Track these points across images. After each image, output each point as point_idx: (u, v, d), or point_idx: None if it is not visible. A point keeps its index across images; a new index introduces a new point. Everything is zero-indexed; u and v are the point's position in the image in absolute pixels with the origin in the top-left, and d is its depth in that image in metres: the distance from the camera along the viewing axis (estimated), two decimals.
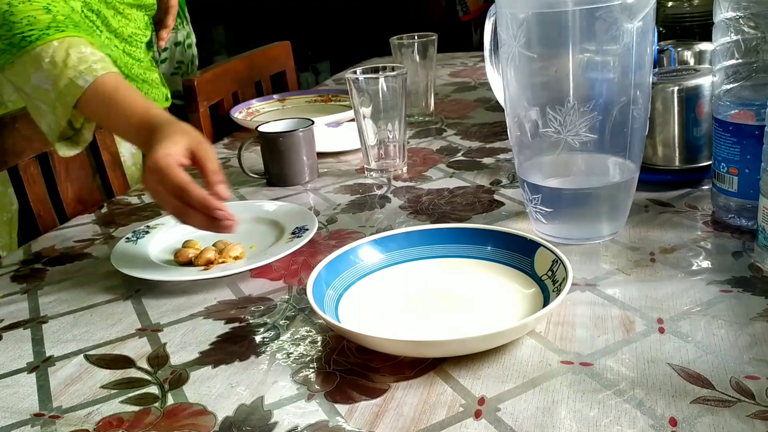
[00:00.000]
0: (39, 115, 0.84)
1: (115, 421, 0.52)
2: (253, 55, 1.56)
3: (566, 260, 0.60)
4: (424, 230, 0.70)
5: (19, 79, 0.83)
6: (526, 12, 0.66)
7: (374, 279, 0.66)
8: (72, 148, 0.87)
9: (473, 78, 1.58)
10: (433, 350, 0.55)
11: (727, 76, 0.69)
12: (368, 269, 0.67)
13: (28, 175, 1.00)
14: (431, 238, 0.69)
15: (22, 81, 0.82)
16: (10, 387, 0.58)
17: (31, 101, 0.83)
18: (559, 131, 0.68)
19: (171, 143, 0.70)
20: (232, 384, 0.55)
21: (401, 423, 0.49)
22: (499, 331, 0.53)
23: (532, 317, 0.54)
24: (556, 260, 0.61)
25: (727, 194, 0.71)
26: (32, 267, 0.81)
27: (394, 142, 0.97)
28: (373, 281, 0.66)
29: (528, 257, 0.64)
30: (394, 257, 0.68)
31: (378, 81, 0.94)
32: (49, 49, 0.80)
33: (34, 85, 0.81)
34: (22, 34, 0.80)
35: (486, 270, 0.66)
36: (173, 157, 0.69)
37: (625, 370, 0.52)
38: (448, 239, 0.69)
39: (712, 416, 0.46)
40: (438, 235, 0.69)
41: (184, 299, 0.69)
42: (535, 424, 0.47)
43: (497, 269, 0.66)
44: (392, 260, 0.68)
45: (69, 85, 0.79)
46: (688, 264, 0.66)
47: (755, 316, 0.57)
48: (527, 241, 0.65)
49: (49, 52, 0.80)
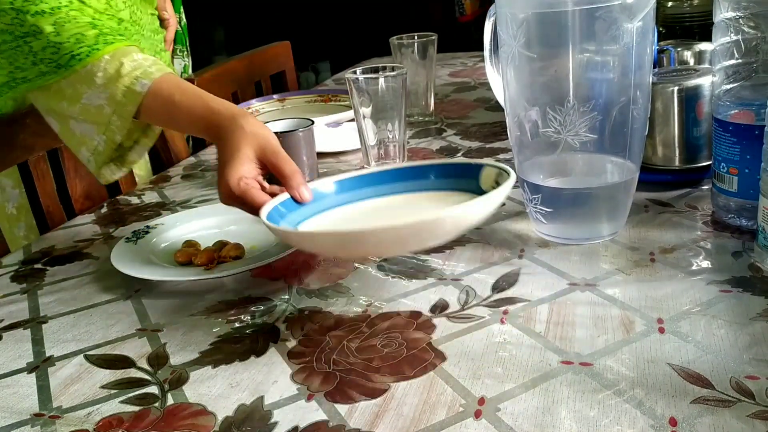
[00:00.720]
0: (80, 142, 0.81)
1: (115, 421, 0.52)
2: (252, 55, 1.56)
3: (510, 169, 0.61)
4: (374, 173, 0.72)
5: (59, 102, 0.80)
6: (526, 12, 0.66)
7: (327, 216, 0.68)
8: (116, 172, 0.84)
9: (473, 78, 1.58)
10: (362, 245, 0.56)
11: (727, 76, 0.69)
12: (320, 208, 0.69)
13: (38, 171, 1.00)
14: (382, 178, 0.71)
15: (69, 102, 0.79)
16: (10, 387, 0.58)
17: (69, 126, 0.80)
18: (559, 131, 0.68)
19: (239, 163, 0.68)
20: (232, 384, 0.55)
21: (401, 423, 0.49)
22: (430, 219, 0.54)
23: (464, 204, 0.55)
24: (500, 172, 0.63)
25: (727, 194, 0.71)
26: (32, 267, 0.81)
27: (394, 142, 0.97)
28: (325, 218, 0.68)
29: (474, 179, 0.66)
30: (346, 197, 0.70)
31: (378, 81, 0.94)
32: (101, 63, 0.77)
33: (84, 105, 0.78)
34: (70, 54, 0.78)
35: (436, 197, 0.68)
36: (246, 181, 0.67)
37: (625, 370, 0.52)
38: (397, 179, 0.71)
39: (712, 416, 0.46)
40: (387, 176, 0.71)
41: (184, 299, 0.69)
42: (535, 424, 0.47)
43: (446, 195, 0.68)
44: (345, 200, 0.70)
45: (127, 93, 0.77)
46: (687, 264, 0.66)
47: (755, 316, 0.57)
48: (471, 165, 0.67)
49: (101, 66, 0.77)
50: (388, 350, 0.57)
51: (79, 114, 0.79)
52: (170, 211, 0.94)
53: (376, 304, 0.65)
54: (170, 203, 0.97)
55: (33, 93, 0.82)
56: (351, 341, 0.59)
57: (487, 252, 0.73)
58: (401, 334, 0.59)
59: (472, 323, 0.60)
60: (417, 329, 0.60)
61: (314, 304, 0.66)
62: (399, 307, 0.64)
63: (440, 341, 0.58)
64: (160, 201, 0.99)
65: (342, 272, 0.71)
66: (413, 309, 0.63)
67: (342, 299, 0.66)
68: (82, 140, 0.81)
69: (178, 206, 0.95)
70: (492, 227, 0.78)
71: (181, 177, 1.09)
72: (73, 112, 0.79)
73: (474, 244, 0.74)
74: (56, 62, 0.78)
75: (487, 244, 0.74)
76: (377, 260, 0.73)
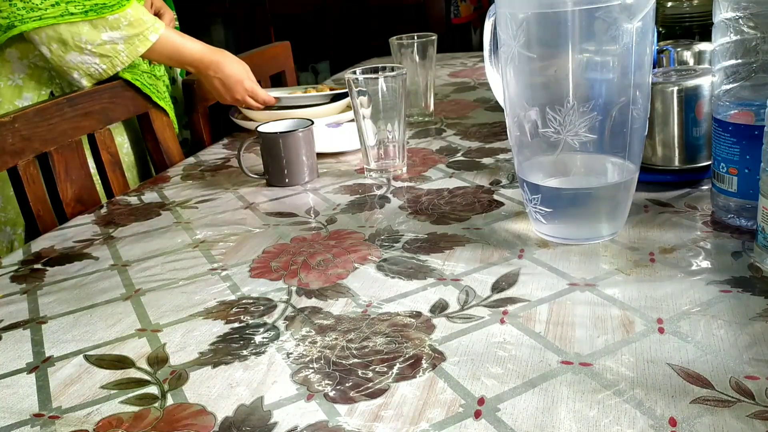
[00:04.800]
0: (75, 68, 1.08)
1: (115, 422, 0.52)
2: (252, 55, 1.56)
3: None
4: None
5: (77, 36, 1.05)
6: (526, 12, 0.66)
7: None
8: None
9: (473, 78, 1.58)
10: None
11: (726, 76, 0.69)
12: None
13: (28, 175, 0.99)
14: None
15: (89, 36, 1.06)
16: (9, 387, 0.58)
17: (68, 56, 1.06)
18: (559, 131, 0.68)
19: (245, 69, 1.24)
20: (231, 384, 0.55)
21: (401, 423, 0.49)
22: None
23: None
24: None
25: (727, 194, 0.71)
26: (32, 267, 0.81)
27: (393, 142, 0.97)
28: None
29: None
30: None
31: (378, 81, 0.94)
32: (127, 15, 1.07)
33: (103, 41, 1.07)
34: (103, 4, 1.05)
35: None
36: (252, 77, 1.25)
37: (624, 370, 0.52)
38: None
39: (712, 416, 0.46)
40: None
41: (184, 299, 0.69)
42: (535, 424, 0.47)
43: None
44: None
45: (141, 38, 1.10)
46: (687, 264, 0.66)
47: (755, 316, 0.57)
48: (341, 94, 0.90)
49: (127, 16, 1.07)
50: (388, 350, 0.57)
51: (94, 48, 1.07)
52: (170, 211, 0.94)
53: (376, 304, 0.65)
54: (170, 203, 0.97)
55: (40, 28, 1.04)
56: (351, 341, 0.59)
57: (486, 252, 0.73)
58: (401, 334, 0.59)
59: (472, 323, 0.60)
60: (417, 329, 0.60)
61: (314, 304, 0.66)
62: (399, 307, 0.64)
63: (440, 341, 0.58)
64: (159, 201, 0.99)
65: (342, 272, 0.71)
66: (413, 309, 0.63)
67: (342, 299, 0.66)
68: (78, 67, 1.08)
69: (178, 206, 0.95)
70: (492, 227, 0.78)
71: (181, 177, 1.09)
72: (88, 46, 1.06)
73: (474, 244, 0.74)
74: (88, 8, 1.04)
75: (486, 244, 0.74)
76: (377, 260, 0.73)
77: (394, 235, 0.79)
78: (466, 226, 0.79)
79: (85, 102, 1.10)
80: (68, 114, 1.07)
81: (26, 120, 0.99)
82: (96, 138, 1.12)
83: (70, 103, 1.07)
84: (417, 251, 0.74)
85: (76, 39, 1.05)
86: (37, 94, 1.12)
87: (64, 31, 1.04)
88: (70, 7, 1.03)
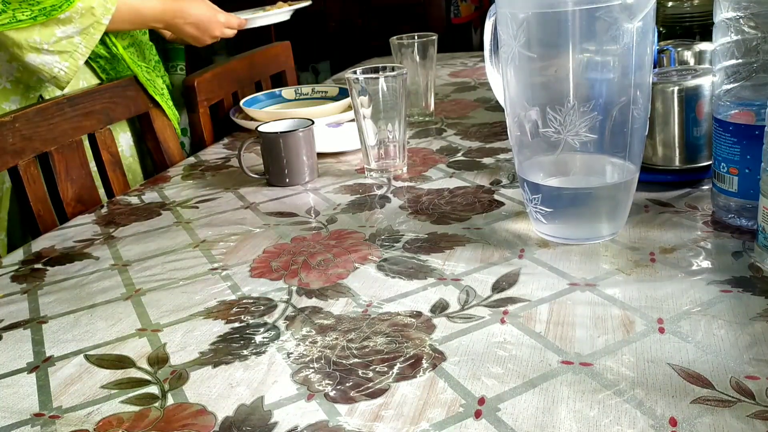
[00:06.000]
0: (42, 68, 1.05)
1: (115, 421, 0.52)
2: (253, 55, 1.56)
3: None
4: None
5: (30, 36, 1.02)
6: (526, 12, 0.66)
7: None
8: None
9: (473, 78, 1.58)
10: None
11: (727, 76, 0.69)
12: None
13: (28, 175, 0.99)
14: None
15: (42, 36, 1.02)
16: (10, 387, 0.58)
17: (26, 58, 1.03)
18: (559, 131, 0.68)
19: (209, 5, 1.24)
20: (232, 384, 0.55)
21: (401, 423, 0.49)
22: None
23: None
24: None
25: (727, 194, 0.71)
26: (32, 267, 0.81)
27: (394, 142, 0.97)
28: None
29: None
30: None
31: (378, 81, 0.94)
32: (78, 9, 1.03)
33: (58, 37, 1.03)
34: (51, 6, 1.01)
35: None
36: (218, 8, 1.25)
37: (625, 370, 0.52)
38: None
39: (712, 416, 0.46)
40: None
41: (185, 299, 0.69)
42: (535, 424, 0.47)
43: None
44: None
45: (96, 25, 1.06)
46: (688, 264, 0.66)
47: (755, 316, 0.57)
48: None
49: (78, 9, 1.03)
50: (388, 350, 0.57)
51: (50, 46, 1.03)
52: (170, 211, 0.94)
53: (376, 304, 0.65)
54: (171, 203, 0.97)
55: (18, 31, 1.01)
56: (351, 341, 0.59)
57: (487, 252, 0.73)
58: (402, 333, 0.59)
59: (472, 323, 0.60)
60: (417, 329, 0.60)
61: (314, 304, 0.66)
62: (399, 307, 0.64)
63: (440, 341, 0.58)
64: (160, 201, 0.99)
65: (342, 272, 0.71)
66: (413, 309, 0.63)
67: (342, 299, 0.66)
68: (41, 69, 1.05)
69: (178, 206, 0.95)
70: (492, 227, 0.78)
71: (181, 177, 1.09)
72: (44, 45, 1.03)
73: (474, 244, 0.74)
74: (36, 13, 1.00)
75: (487, 244, 0.74)
76: (377, 260, 0.73)
77: (394, 235, 0.79)
78: (466, 225, 0.79)
79: (86, 102, 1.10)
80: (69, 114, 1.07)
81: (27, 119, 0.99)
82: (96, 138, 1.12)
83: (71, 103, 1.08)
84: (417, 251, 0.74)
85: (30, 41, 1.02)
86: (25, 98, 1.11)
87: (15, 36, 1.01)
88: (18, 14, 1.00)
